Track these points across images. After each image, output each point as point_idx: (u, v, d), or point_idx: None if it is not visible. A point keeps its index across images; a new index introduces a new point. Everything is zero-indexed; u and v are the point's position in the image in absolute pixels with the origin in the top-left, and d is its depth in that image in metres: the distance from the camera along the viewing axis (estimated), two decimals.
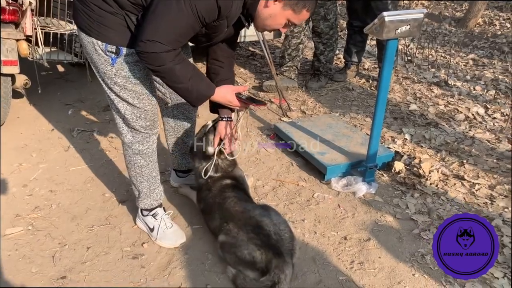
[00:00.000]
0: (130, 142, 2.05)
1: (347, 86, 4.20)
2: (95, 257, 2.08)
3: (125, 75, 1.84)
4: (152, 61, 1.67)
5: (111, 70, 1.83)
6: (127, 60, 1.82)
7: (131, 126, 1.99)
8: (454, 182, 2.70)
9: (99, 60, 1.82)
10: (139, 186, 2.16)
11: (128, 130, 2.02)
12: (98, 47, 1.79)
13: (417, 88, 4.20)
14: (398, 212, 2.45)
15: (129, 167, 2.14)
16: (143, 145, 2.06)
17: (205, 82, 1.87)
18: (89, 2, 1.73)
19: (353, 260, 2.11)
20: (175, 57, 1.70)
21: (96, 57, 1.81)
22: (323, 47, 4.00)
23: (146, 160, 2.10)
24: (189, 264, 2.05)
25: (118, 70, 1.82)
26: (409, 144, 3.12)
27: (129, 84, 1.87)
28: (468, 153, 3.04)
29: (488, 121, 3.55)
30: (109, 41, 1.77)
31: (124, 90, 1.88)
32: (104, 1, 1.71)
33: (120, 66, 1.82)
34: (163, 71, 1.71)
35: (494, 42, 5.71)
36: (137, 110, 1.94)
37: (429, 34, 6.03)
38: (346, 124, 3.28)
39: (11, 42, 2.89)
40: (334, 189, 2.63)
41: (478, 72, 4.64)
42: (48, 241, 2.17)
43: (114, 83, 1.86)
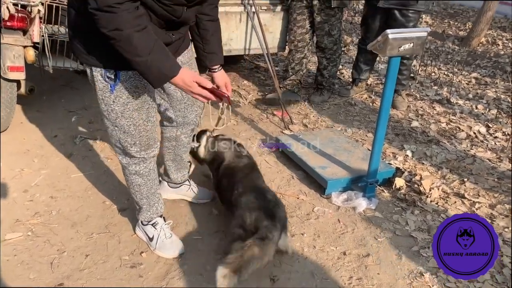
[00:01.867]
0: (127, 163, 2.03)
1: (349, 101, 4.22)
2: (94, 265, 2.08)
3: (123, 102, 1.79)
4: (105, 22, 1.46)
5: (109, 97, 1.78)
6: (126, 86, 1.77)
7: (125, 152, 1.97)
8: (455, 200, 2.70)
9: (97, 87, 1.78)
10: (139, 202, 2.15)
11: (124, 154, 2.00)
12: (96, 73, 1.74)
13: (419, 105, 4.21)
14: (398, 228, 2.45)
15: (128, 184, 2.13)
16: (139, 166, 2.03)
17: (170, 60, 1.63)
18: (82, 29, 1.67)
19: (351, 276, 2.10)
20: (133, 18, 1.49)
21: (95, 83, 1.78)
22: (326, 62, 4.03)
23: (144, 179, 2.08)
24: (187, 275, 2.05)
25: (116, 97, 1.78)
26: (410, 161, 3.13)
27: (127, 111, 1.82)
28: (469, 171, 3.04)
29: (489, 140, 3.56)
30: (107, 66, 1.72)
31: (120, 118, 1.83)
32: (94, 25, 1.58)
33: (118, 93, 1.77)
34: (119, 37, 1.49)
35: (496, 62, 5.75)
36: (131, 137, 1.90)
37: (432, 52, 6.07)
38: (347, 139, 3.29)
39: (18, 49, 2.92)
40: (334, 203, 2.63)
41: (480, 91, 4.66)
42: (47, 247, 2.17)
43: (111, 110, 1.81)
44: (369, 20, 3.98)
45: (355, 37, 6.63)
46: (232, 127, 3.54)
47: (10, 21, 2.84)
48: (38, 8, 2.93)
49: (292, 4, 3.85)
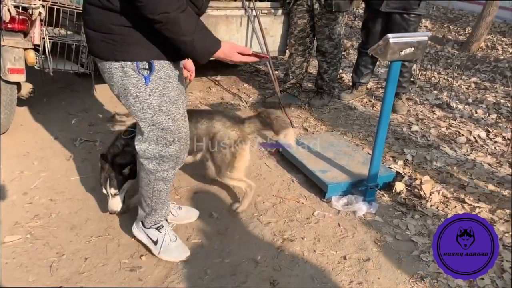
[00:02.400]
0: (154, 170, 1.94)
1: (350, 105, 4.22)
2: (93, 268, 2.07)
3: (159, 94, 1.76)
4: (152, 7, 1.51)
5: (145, 91, 1.74)
6: (160, 76, 1.74)
7: (160, 154, 1.89)
8: (455, 205, 2.70)
9: (130, 83, 1.73)
10: (154, 206, 2.07)
11: (155, 159, 1.91)
12: (128, 69, 1.70)
13: (419, 109, 4.22)
14: (398, 233, 2.44)
15: (145, 189, 2.03)
16: (168, 172, 1.96)
17: (211, 36, 1.70)
18: (108, 24, 1.65)
19: (351, 280, 2.09)
20: (178, 2, 1.55)
21: (127, 81, 1.73)
22: (327, 66, 4.03)
23: (167, 185, 2.02)
24: (187, 279, 2.04)
25: (152, 89, 1.74)
26: (410, 165, 3.13)
27: (164, 103, 1.78)
28: (469, 176, 3.04)
29: (489, 144, 3.56)
30: (139, 58, 1.69)
31: (159, 113, 1.79)
32: (124, 16, 1.63)
33: (154, 84, 1.73)
34: (166, 20, 1.54)
35: (496, 67, 5.76)
36: (170, 134, 1.85)
37: (432, 57, 6.09)
38: (347, 143, 3.29)
39: (19, 51, 2.92)
40: (335, 207, 2.62)
41: (480, 96, 4.67)
42: (46, 250, 2.16)
43: (148, 106, 1.77)
44: (370, 24, 3.99)
45: (355, 41, 6.64)
46: None
47: (11, 23, 2.84)
48: (39, 11, 2.93)
49: (293, 8, 3.86)
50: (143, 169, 1.97)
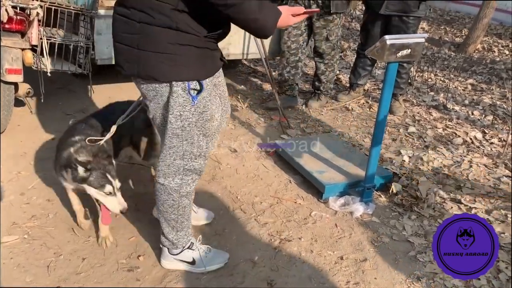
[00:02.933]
0: (178, 186, 1.89)
1: (347, 106, 4.24)
2: (90, 269, 2.07)
3: (200, 111, 1.75)
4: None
5: (189, 110, 1.72)
6: (204, 95, 1.74)
7: (185, 168, 1.86)
8: (451, 206, 2.71)
9: (176, 103, 1.70)
10: (179, 226, 1.99)
11: (178, 174, 1.87)
12: (177, 88, 1.68)
13: (416, 110, 4.24)
14: (394, 233, 2.45)
15: (169, 212, 1.95)
16: (190, 186, 1.92)
17: (270, 5, 1.66)
18: (166, 43, 1.61)
19: (348, 281, 2.10)
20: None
21: (172, 100, 1.70)
22: (324, 67, 4.04)
23: (189, 199, 1.98)
24: (185, 279, 2.04)
25: (196, 108, 1.73)
26: (407, 166, 3.14)
27: (201, 120, 1.77)
28: (465, 177, 3.06)
29: (485, 145, 3.58)
30: (191, 77, 1.68)
31: (194, 129, 1.78)
32: (184, 32, 1.60)
33: (199, 103, 1.73)
34: (241, 1, 1.53)
35: (492, 68, 5.79)
36: (198, 148, 1.83)
37: (429, 58, 6.11)
38: (345, 144, 3.30)
39: (17, 51, 2.92)
40: (332, 208, 2.63)
41: (476, 97, 4.69)
42: (44, 250, 2.16)
43: (188, 124, 1.75)
44: (369, 26, 4.00)
45: (353, 42, 6.66)
46: (230, 131, 3.55)
47: (9, 23, 2.84)
48: (37, 11, 2.93)
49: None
50: (164, 191, 1.90)
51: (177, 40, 1.61)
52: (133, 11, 1.61)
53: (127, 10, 1.63)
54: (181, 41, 1.62)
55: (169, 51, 1.62)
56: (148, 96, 1.77)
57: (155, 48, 1.62)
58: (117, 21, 1.69)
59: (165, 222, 1.99)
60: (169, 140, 1.80)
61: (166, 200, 1.93)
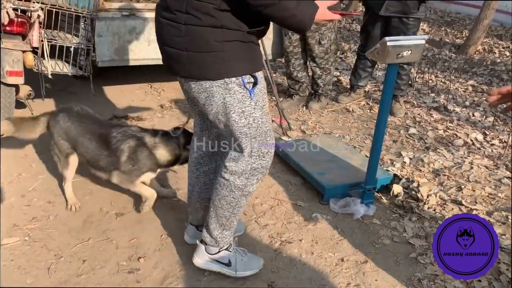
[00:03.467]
0: (242, 185, 1.86)
1: (348, 108, 4.24)
2: (91, 271, 2.07)
3: (261, 105, 1.75)
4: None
5: (250, 105, 1.72)
6: (260, 87, 1.73)
7: (252, 167, 1.83)
8: (452, 207, 2.71)
9: (234, 100, 1.70)
10: (228, 225, 1.96)
11: (245, 173, 1.84)
12: (232, 85, 1.68)
13: (416, 112, 4.23)
14: (395, 235, 2.45)
15: (225, 209, 1.91)
16: (254, 186, 1.90)
17: (310, 1, 1.68)
18: (212, 42, 1.61)
19: (349, 282, 2.10)
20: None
21: (230, 98, 1.69)
22: (320, 71, 4.03)
23: (247, 199, 1.94)
24: (185, 281, 2.04)
25: (256, 102, 1.73)
26: (407, 168, 3.14)
27: (264, 115, 1.78)
28: (466, 178, 3.05)
29: (486, 147, 3.58)
30: (244, 72, 1.69)
31: (261, 125, 1.77)
32: (229, 29, 1.62)
33: (257, 96, 1.73)
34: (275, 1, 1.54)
35: (493, 70, 5.78)
36: (265, 145, 1.82)
37: (430, 60, 6.11)
38: (345, 145, 3.30)
39: (17, 53, 2.93)
40: (332, 210, 2.63)
41: (477, 99, 4.69)
42: (44, 252, 2.16)
43: (254, 120, 1.75)
44: (369, 27, 4.00)
45: (353, 44, 6.67)
46: None
47: (10, 25, 2.85)
48: (37, 13, 2.94)
49: None
50: (227, 187, 1.87)
51: (223, 38, 1.62)
52: (178, 14, 1.63)
53: (172, 14, 1.64)
54: (227, 37, 1.63)
55: (217, 49, 1.63)
56: (200, 99, 1.75)
57: (203, 48, 1.63)
58: (163, 25, 1.70)
59: (215, 217, 1.94)
60: (239, 140, 1.78)
61: (225, 196, 1.89)
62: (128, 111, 3.81)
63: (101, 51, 3.41)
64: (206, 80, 1.69)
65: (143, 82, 4.38)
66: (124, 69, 4.20)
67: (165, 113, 3.84)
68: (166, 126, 3.56)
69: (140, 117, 3.71)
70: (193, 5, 1.59)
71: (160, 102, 4.05)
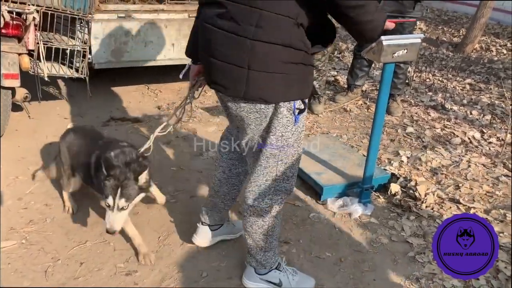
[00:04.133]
0: (268, 207, 1.82)
1: (345, 107, 4.24)
2: (88, 273, 2.06)
3: (299, 131, 1.72)
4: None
5: (290, 130, 1.67)
6: (304, 113, 1.70)
7: (276, 189, 1.81)
8: (450, 206, 2.70)
9: (279, 124, 1.64)
10: (268, 246, 1.92)
11: (268, 194, 1.81)
12: (283, 109, 1.61)
13: (414, 111, 4.23)
14: (393, 234, 2.45)
15: (259, 233, 1.88)
16: (280, 205, 1.87)
17: (381, 8, 1.69)
18: (280, 63, 1.53)
19: (347, 282, 2.10)
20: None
21: (276, 121, 1.63)
22: (316, 73, 4.02)
23: (278, 218, 1.91)
24: (183, 282, 2.04)
25: (297, 127, 1.69)
26: (405, 167, 3.13)
27: (298, 140, 1.74)
28: (464, 177, 3.05)
29: (484, 145, 3.58)
30: (299, 97, 1.63)
31: (291, 150, 1.74)
32: (299, 49, 1.54)
33: (300, 122, 1.68)
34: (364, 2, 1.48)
35: (490, 68, 5.79)
36: (291, 169, 1.79)
37: (427, 58, 6.11)
38: (343, 145, 3.30)
39: (13, 56, 2.91)
40: (330, 209, 2.63)
41: (474, 97, 4.69)
42: (41, 255, 2.15)
43: (287, 144, 1.71)
44: None
45: (350, 43, 6.66)
46: None
47: (5, 28, 2.84)
48: (33, 16, 2.93)
49: None
50: (254, 212, 1.84)
51: (290, 59, 1.54)
52: (245, 27, 1.48)
53: (235, 25, 1.50)
54: (293, 59, 1.55)
55: (282, 71, 1.54)
56: (248, 119, 1.67)
57: (268, 68, 1.52)
58: (217, 35, 1.55)
59: (253, 242, 1.91)
60: (266, 161, 1.74)
61: (255, 221, 1.86)
62: (125, 113, 3.81)
63: (97, 53, 3.41)
64: (263, 103, 1.60)
65: (140, 83, 4.37)
66: (120, 71, 4.20)
67: (162, 115, 3.83)
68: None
69: (137, 118, 3.71)
70: (268, 18, 1.46)
71: (157, 103, 4.04)
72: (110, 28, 3.42)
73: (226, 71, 1.57)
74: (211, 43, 1.58)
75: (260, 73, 1.53)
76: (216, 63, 1.59)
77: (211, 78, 1.67)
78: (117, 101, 4.03)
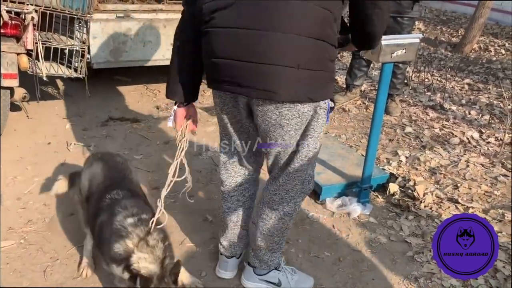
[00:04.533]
0: (292, 210, 1.83)
1: (344, 107, 4.24)
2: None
3: (324, 131, 1.70)
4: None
5: (322, 131, 1.67)
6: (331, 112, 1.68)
7: (302, 192, 1.83)
8: (448, 205, 2.71)
9: (318, 125, 1.63)
10: (277, 248, 1.92)
11: (294, 198, 1.81)
12: (320, 109, 1.59)
13: (412, 111, 4.24)
14: (392, 234, 2.45)
15: (274, 235, 1.86)
16: (300, 207, 1.90)
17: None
18: (323, 60, 1.48)
19: (346, 282, 2.10)
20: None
21: (315, 123, 1.62)
22: None
23: (294, 219, 1.93)
24: None
25: (326, 126, 1.69)
26: (404, 166, 3.14)
27: (320, 140, 1.73)
28: (462, 176, 3.06)
29: (482, 145, 3.59)
30: (331, 95, 1.61)
31: (319, 150, 1.75)
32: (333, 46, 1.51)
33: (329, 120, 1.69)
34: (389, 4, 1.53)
35: (489, 68, 5.80)
36: (312, 170, 1.82)
37: (426, 58, 6.12)
38: (342, 145, 3.30)
39: (12, 56, 2.91)
40: (329, 209, 2.63)
41: (473, 97, 4.70)
42: (40, 255, 2.15)
43: (320, 145, 1.72)
44: None
45: None
46: None
47: (4, 28, 2.83)
48: (31, 15, 2.92)
49: None
50: (277, 216, 1.82)
51: (331, 56, 1.50)
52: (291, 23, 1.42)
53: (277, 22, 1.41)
54: (332, 56, 1.51)
55: (329, 69, 1.51)
56: (287, 126, 1.56)
57: (311, 65, 1.44)
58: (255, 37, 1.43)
59: (264, 244, 1.89)
60: (299, 164, 1.69)
61: (275, 224, 1.83)
62: (124, 113, 3.81)
63: (96, 53, 3.41)
64: (309, 102, 1.51)
65: (138, 83, 4.37)
66: (119, 71, 4.20)
67: (160, 115, 3.83)
68: (163, 126, 3.57)
69: (136, 118, 3.71)
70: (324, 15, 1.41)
71: (156, 103, 4.04)
72: (108, 28, 3.41)
73: (279, 74, 1.43)
74: (248, 47, 1.43)
75: (314, 72, 1.47)
76: (259, 67, 1.43)
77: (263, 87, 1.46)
78: (115, 101, 4.02)
